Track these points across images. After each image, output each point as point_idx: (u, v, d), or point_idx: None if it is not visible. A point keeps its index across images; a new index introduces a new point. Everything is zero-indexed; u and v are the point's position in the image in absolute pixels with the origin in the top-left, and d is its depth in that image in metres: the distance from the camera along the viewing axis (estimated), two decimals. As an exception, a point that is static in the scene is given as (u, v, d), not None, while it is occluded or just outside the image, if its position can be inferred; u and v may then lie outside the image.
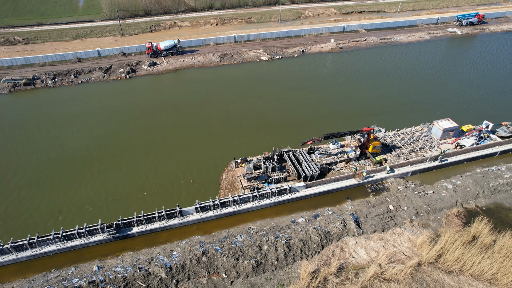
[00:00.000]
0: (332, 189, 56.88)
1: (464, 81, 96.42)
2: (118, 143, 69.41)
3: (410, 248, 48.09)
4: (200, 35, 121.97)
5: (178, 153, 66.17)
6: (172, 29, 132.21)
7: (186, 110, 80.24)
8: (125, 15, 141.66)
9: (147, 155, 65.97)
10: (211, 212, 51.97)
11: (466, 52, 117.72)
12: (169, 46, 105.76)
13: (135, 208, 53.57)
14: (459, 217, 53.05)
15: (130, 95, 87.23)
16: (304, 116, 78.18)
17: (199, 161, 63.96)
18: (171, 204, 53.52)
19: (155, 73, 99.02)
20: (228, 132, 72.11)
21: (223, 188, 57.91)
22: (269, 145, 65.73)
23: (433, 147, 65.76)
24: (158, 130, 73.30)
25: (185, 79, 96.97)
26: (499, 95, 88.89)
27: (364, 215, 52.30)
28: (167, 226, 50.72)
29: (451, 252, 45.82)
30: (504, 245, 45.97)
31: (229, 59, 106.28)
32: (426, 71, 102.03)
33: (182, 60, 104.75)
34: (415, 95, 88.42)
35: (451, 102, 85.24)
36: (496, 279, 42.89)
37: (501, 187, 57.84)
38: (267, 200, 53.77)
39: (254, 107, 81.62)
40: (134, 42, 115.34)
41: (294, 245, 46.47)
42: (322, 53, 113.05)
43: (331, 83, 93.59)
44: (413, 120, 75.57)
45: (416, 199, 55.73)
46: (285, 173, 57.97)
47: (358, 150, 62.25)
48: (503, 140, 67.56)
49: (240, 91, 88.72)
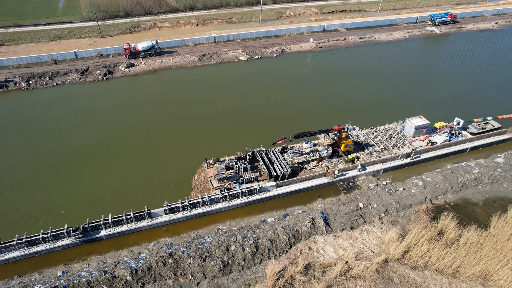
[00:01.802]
0: (303, 188, 57.02)
1: (440, 79, 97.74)
2: (93, 145, 68.70)
3: (378, 245, 48.48)
4: (180, 36, 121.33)
5: (155, 154, 65.84)
6: (152, 30, 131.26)
7: (164, 111, 79.80)
8: (105, 16, 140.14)
9: (124, 156, 65.50)
10: (180, 213, 51.64)
11: (443, 50, 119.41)
12: (147, 47, 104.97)
13: (109, 210, 52.98)
14: (428, 213, 53.66)
15: (106, 97, 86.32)
16: (281, 115, 78.35)
17: (176, 162, 63.73)
18: (145, 205, 53.05)
19: (132, 74, 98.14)
20: (207, 132, 72.00)
21: (194, 189, 57.63)
22: (246, 144, 65.65)
23: (406, 145, 66.43)
24: (135, 131, 72.80)
25: (163, 80, 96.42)
26: (474, 92, 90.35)
27: (334, 213, 52.55)
28: (135, 229, 50.23)
29: (417, 248, 46.39)
30: (468, 240, 46.73)
31: (208, 60, 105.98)
32: (403, 69, 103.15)
33: (160, 61, 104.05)
34: (392, 93, 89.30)
35: (426, 100, 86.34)
36: (459, 272, 43.54)
37: (469, 183, 58.74)
38: (237, 200, 53.65)
39: (232, 107, 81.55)
40: (112, 44, 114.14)
41: (262, 244, 46.43)
42: (301, 53, 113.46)
43: (309, 83, 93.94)
44: (388, 118, 76.28)
45: (386, 196, 56.24)
46: (257, 173, 57.93)
47: (331, 148, 62.55)
48: (474, 137, 68.63)
49: (218, 92, 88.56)
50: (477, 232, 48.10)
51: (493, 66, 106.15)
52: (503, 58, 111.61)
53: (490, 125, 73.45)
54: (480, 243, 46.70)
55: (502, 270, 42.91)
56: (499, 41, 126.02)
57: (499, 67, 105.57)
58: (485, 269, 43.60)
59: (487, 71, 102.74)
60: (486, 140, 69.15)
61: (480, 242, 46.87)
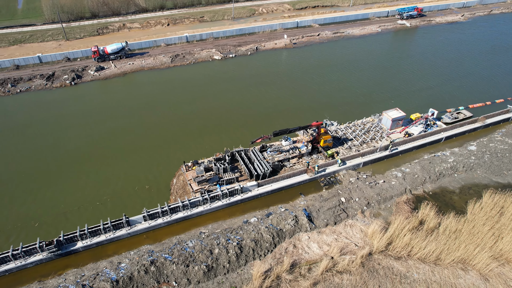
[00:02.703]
0: (285, 186, 57.40)
1: (413, 71, 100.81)
2: (65, 154, 66.56)
3: (362, 238, 49.41)
4: (151, 36, 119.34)
5: (133, 159, 64.63)
6: (121, 31, 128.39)
7: (138, 115, 78.39)
8: (70, 18, 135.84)
9: (100, 163, 63.89)
10: (160, 219, 50.82)
11: (415, 42, 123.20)
12: (116, 49, 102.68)
13: (86, 220, 51.46)
14: (408, 204, 55.23)
15: (76, 103, 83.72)
16: (259, 113, 78.52)
17: (155, 166, 62.80)
18: (124, 212, 51.73)
19: (102, 78, 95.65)
20: (184, 135, 71.20)
21: (173, 193, 56.87)
22: (225, 145, 65.28)
23: (384, 137, 68.07)
24: (109, 137, 71.10)
25: (135, 82, 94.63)
26: (446, 82, 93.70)
27: (317, 209, 53.17)
28: (114, 238, 49.02)
29: (400, 239, 47.62)
30: (447, 227, 48.47)
31: (181, 60, 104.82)
32: (378, 62, 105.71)
33: (131, 63, 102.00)
34: (368, 86, 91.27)
35: (402, 92, 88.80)
36: (440, 259, 45.08)
37: (446, 171, 60.90)
38: (218, 202, 53.36)
39: (208, 107, 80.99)
40: (79, 47, 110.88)
41: (246, 246, 46.37)
42: (276, 50, 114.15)
43: (286, 79, 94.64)
44: (365, 111, 77.85)
45: (368, 189, 57.44)
46: (237, 173, 57.83)
47: (310, 145, 63.22)
48: (448, 126, 71.17)
49: (193, 92, 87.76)
50: (455, 219, 49.96)
51: (463, 56, 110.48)
52: (472, 48, 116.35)
53: (462, 115, 76.41)
54: (459, 229, 48.53)
55: (480, 254, 44.79)
56: (467, 32, 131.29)
57: (468, 57, 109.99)
58: (464, 254, 45.36)
59: (458, 61, 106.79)
60: (459, 129, 71.88)
61: (458, 228, 48.72)
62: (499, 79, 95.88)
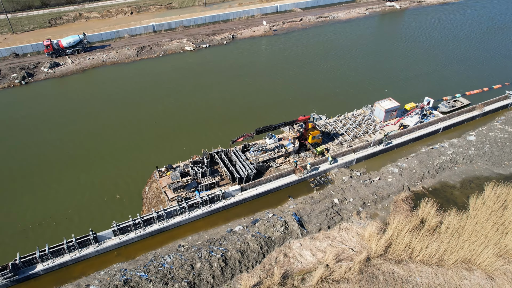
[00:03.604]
0: (271, 188, 57.66)
1: (406, 56, 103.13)
2: (22, 162, 64.68)
3: (359, 242, 50.15)
4: (112, 27, 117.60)
5: (100, 166, 63.65)
6: (77, 22, 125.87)
7: (102, 116, 77.11)
8: (16, 8, 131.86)
9: (63, 172, 62.49)
10: (132, 233, 50.11)
11: (407, 25, 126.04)
12: (73, 43, 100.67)
13: (47, 238, 49.88)
14: (407, 202, 56.43)
15: (29, 105, 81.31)
16: (239, 109, 78.54)
17: (125, 173, 62.03)
18: (92, 227, 50.79)
19: (58, 75, 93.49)
20: (156, 136, 70.53)
21: (146, 203, 56.20)
22: (202, 146, 64.67)
23: (377, 130, 69.27)
24: (71, 142, 69.63)
25: (97, 79, 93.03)
26: (441, 68, 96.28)
27: (308, 213, 53.62)
28: (80, 257, 47.99)
29: (399, 240, 48.57)
30: (449, 225, 49.82)
31: (148, 53, 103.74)
32: (367, 49, 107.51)
33: (91, 57, 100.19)
34: (357, 75, 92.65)
35: (394, 80, 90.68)
36: (443, 260, 46.27)
37: (445, 165, 62.57)
38: (198, 211, 53.10)
39: (182, 104, 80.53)
40: (29, 40, 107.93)
41: (231, 257, 46.29)
42: (255, 38, 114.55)
43: (266, 71, 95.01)
44: (356, 102, 78.93)
45: (362, 188, 58.33)
46: (218, 177, 57.70)
47: (297, 142, 63.67)
48: (445, 116, 73.13)
49: (164, 88, 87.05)
50: (457, 216, 51.38)
51: (458, 39, 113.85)
52: (467, 30, 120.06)
53: (459, 103, 78.62)
54: (462, 226, 49.95)
55: (484, 252, 46.22)
56: (460, 13, 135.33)
57: (463, 39, 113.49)
58: (468, 253, 46.71)
59: (452, 44, 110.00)
60: (457, 118, 73.97)
61: (461, 225, 50.14)
62: (496, 63, 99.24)
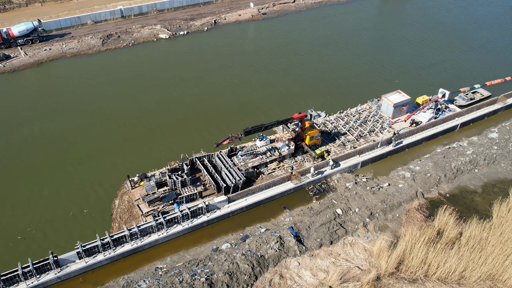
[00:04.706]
0: (263, 198, 57.98)
1: (416, 42, 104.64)
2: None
3: (367, 259, 50.64)
4: (73, 12, 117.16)
5: (63, 175, 63.44)
6: (31, 6, 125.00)
7: (65, 116, 76.85)
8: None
9: (20, 183, 62.19)
10: (101, 255, 49.93)
11: (416, 6, 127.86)
12: (26, 31, 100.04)
13: None
14: (421, 211, 57.21)
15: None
16: (224, 106, 78.98)
17: (96, 183, 62.08)
18: (55, 248, 50.78)
19: (9, 70, 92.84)
20: (128, 139, 70.71)
21: (116, 219, 56.15)
22: (181, 150, 64.68)
23: (385, 128, 70.05)
24: (28, 147, 69.26)
25: (56, 74, 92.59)
26: (457, 55, 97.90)
27: (307, 226, 54.03)
28: (39, 285, 47.66)
29: (413, 256, 49.13)
30: (470, 236, 50.61)
31: (116, 42, 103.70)
32: (371, 33, 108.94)
33: (48, 48, 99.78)
34: (361, 65, 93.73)
35: (403, 70, 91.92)
36: (464, 278, 46.97)
37: (464, 167, 63.59)
38: (178, 227, 53.18)
39: (157, 102, 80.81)
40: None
41: (218, 281, 46.40)
42: (241, 23, 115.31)
43: (255, 61, 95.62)
44: (360, 96, 79.88)
45: (369, 196, 58.96)
46: (200, 187, 57.90)
47: (293, 143, 64.09)
48: (463, 110, 74.29)
49: (136, 83, 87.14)
50: (479, 226, 52.17)
51: (477, 20, 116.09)
52: (487, 10, 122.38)
53: (479, 94, 79.94)
54: (484, 238, 50.75)
55: (511, 267, 46.95)
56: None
57: (483, 21, 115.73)
58: (493, 269, 47.42)
59: (470, 27, 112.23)
60: (477, 112, 75.24)
61: (483, 237, 50.95)
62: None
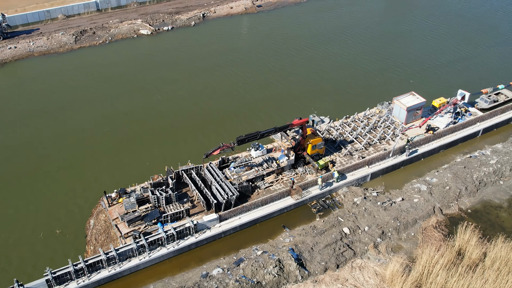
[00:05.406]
0: (260, 216, 57.67)
1: (434, 37, 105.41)
2: None
3: (378, 284, 50.28)
4: (41, 5, 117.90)
5: (32, 191, 63.34)
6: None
7: (33, 124, 76.98)
8: None
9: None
10: (73, 282, 49.34)
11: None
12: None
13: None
14: (439, 229, 57.02)
15: None
16: (213, 112, 79.08)
17: (66, 200, 61.85)
18: (22, 274, 50.33)
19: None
20: (105, 149, 70.92)
21: (92, 241, 55.73)
22: (166, 163, 64.48)
23: (397, 135, 69.94)
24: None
25: (22, 76, 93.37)
26: (478, 53, 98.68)
27: (309, 248, 53.65)
28: (1, 319, 47.05)
29: (431, 280, 48.86)
30: (496, 257, 50.30)
31: (90, 38, 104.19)
32: (382, 27, 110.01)
33: (14, 46, 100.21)
34: (369, 63, 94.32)
35: (418, 69, 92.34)
36: (490, 306, 46.62)
37: (488, 178, 63.58)
38: (162, 250, 52.75)
39: (138, 107, 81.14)
40: None
41: (208, 312, 45.91)
42: (233, 17, 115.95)
43: (249, 61, 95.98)
44: (369, 99, 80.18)
45: (380, 212, 58.70)
46: (188, 204, 57.56)
47: (293, 153, 63.84)
48: (485, 114, 74.41)
49: (115, 86, 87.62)
50: (506, 245, 51.89)
51: (501, 13, 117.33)
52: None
53: (503, 96, 79.93)
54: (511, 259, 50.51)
55: (543, 292, 46.80)
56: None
57: (509, 10, 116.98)
58: (522, 295, 47.24)
59: (492, 19, 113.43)
60: (501, 116, 75.45)
61: (510, 258, 50.66)
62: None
